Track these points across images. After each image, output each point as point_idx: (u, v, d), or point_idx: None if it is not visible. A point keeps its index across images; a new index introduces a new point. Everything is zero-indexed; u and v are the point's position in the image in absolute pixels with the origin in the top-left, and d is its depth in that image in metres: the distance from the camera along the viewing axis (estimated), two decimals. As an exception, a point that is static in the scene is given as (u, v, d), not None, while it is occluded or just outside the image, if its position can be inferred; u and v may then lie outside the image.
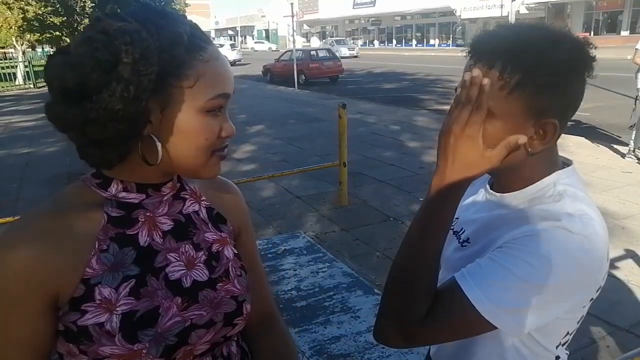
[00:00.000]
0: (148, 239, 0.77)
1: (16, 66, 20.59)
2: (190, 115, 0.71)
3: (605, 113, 9.19)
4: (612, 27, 31.79)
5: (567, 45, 0.75)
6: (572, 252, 0.73)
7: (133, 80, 0.64)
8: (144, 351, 0.71)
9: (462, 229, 0.97)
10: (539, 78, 0.74)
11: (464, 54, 0.82)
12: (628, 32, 30.33)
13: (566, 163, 0.87)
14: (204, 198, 0.88)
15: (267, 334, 0.98)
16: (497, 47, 0.76)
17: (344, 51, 34.53)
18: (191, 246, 0.81)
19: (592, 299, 0.79)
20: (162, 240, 0.79)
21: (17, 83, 20.02)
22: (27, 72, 20.12)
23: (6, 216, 3.86)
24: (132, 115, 0.66)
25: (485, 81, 0.72)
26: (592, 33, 31.96)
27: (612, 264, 3.43)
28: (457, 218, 1.01)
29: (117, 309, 0.71)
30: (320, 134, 8.40)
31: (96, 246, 0.72)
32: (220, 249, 0.85)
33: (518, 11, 24.77)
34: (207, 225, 0.85)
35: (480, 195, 0.97)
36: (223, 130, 0.75)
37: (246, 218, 0.95)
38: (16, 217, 3.78)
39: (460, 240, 0.95)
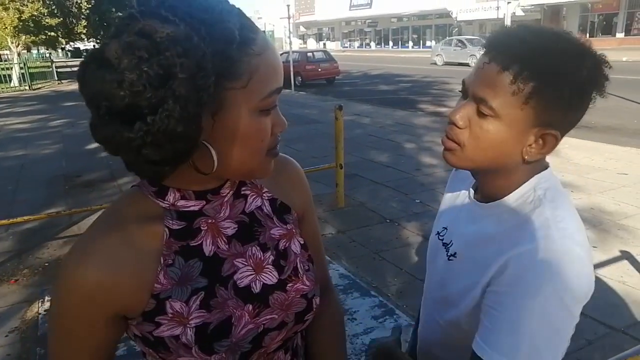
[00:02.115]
0: (213, 247, 0.73)
1: (11, 68, 20.50)
2: (244, 118, 0.64)
3: (600, 114, 9.21)
4: (608, 29, 31.93)
5: (589, 62, 0.73)
6: (560, 275, 0.72)
7: (191, 97, 0.56)
8: None
9: (450, 241, 0.96)
10: (556, 92, 0.72)
11: (479, 50, 0.80)
12: (623, 34, 30.48)
13: (544, 165, 0.86)
14: (265, 190, 0.82)
15: (320, 321, 0.94)
16: (515, 49, 0.73)
17: None
18: (258, 248, 0.77)
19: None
20: (227, 246, 0.75)
21: (12, 85, 19.96)
22: (23, 73, 20.07)
23: (2, 218, 3.85)
24: (191, 133, 0.59)
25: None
26: (587, 35, 32.08)
27: (608, 265, 3.44)
28: (445, 228, 1.00)
29: (190, 322, 0.69)
30: (317, 135, 8.39)
31: (161, 261, 0.69)
32: (287, 244, 0.81)
33: (514, 13, 24.82)
34: (272, 220, 0.81)
35: (465, 200, 0.96)
36: (276, 126, 0.70)
37: (308, 196, 0.89)
38: (11, 220, 3.78)
39: (448, 254, 0.94)
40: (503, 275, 0.76)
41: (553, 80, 0.72)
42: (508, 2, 22.35)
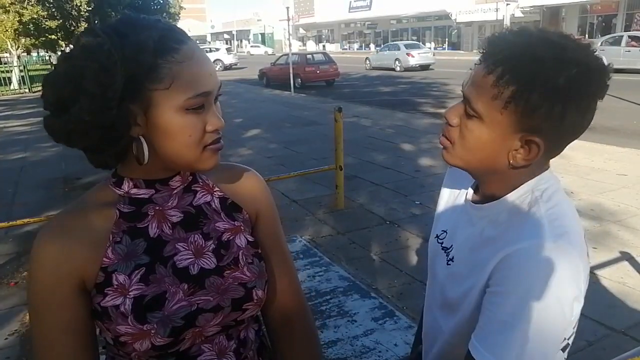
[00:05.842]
0: (157, 230, 0.83)
1: (11, 71, 20.49)
2: (170, 115, 0.74)
3: (599, 115, 9.18)
4: (607, 30, 31.91)
5: (573, 70, 0.71)
6: (553, 273, 0.72)
7: (97, 92, 0.69)
8: (152, 331, 0.77)
9: (450, 245, 0.95)
10: (533, 98, 0.71)
11: (476, 51, 0.80)
12: (622, 35, 30.50)
13: (545, 167, 0.85)
14: (217, 189, 0.91)
15: (291, 330, 0.99)
16: (501, 52, 0.74)
17: None
18: (200, 236, 0.86)
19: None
20: (171, 231, 0.84)
21: (12, 88, 19.95)
22: (22, 76, 20.05)
23: (1, 221, 3.84)
24: (106, 123, 0.71)
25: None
26: (587, 36, 32.12)
27: (608, 266, 3.43)
28: (445, 231, 0.99)
29: (130, 293, 0.78)
30: (317, 137, 8.40)
31: (110, 239, 0.80)
32: (231, 237, 0.88)
33: (513, 14, 24.87)
34: (219, 215, 0.89)
35: (462, 200, 0.96)
36: (209, 125, 0.77)
37: (266, 202, 0.97)
38: (11, 222, 3.79)
39: (448, 258, 0.94)
40: (498, 274, 0.76)
41: (530, 86, 0.72)
42: (507, 4, 22.39)
